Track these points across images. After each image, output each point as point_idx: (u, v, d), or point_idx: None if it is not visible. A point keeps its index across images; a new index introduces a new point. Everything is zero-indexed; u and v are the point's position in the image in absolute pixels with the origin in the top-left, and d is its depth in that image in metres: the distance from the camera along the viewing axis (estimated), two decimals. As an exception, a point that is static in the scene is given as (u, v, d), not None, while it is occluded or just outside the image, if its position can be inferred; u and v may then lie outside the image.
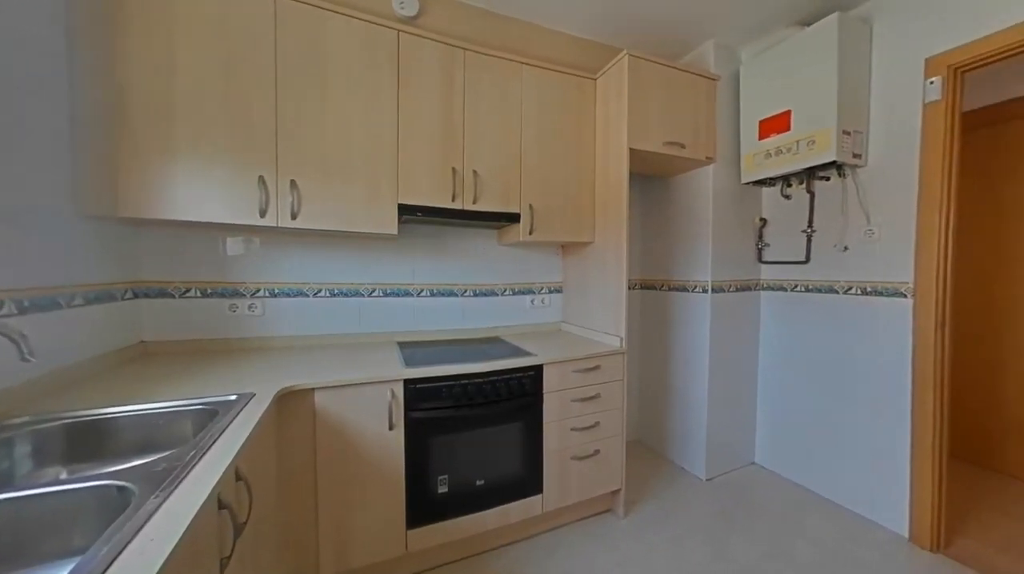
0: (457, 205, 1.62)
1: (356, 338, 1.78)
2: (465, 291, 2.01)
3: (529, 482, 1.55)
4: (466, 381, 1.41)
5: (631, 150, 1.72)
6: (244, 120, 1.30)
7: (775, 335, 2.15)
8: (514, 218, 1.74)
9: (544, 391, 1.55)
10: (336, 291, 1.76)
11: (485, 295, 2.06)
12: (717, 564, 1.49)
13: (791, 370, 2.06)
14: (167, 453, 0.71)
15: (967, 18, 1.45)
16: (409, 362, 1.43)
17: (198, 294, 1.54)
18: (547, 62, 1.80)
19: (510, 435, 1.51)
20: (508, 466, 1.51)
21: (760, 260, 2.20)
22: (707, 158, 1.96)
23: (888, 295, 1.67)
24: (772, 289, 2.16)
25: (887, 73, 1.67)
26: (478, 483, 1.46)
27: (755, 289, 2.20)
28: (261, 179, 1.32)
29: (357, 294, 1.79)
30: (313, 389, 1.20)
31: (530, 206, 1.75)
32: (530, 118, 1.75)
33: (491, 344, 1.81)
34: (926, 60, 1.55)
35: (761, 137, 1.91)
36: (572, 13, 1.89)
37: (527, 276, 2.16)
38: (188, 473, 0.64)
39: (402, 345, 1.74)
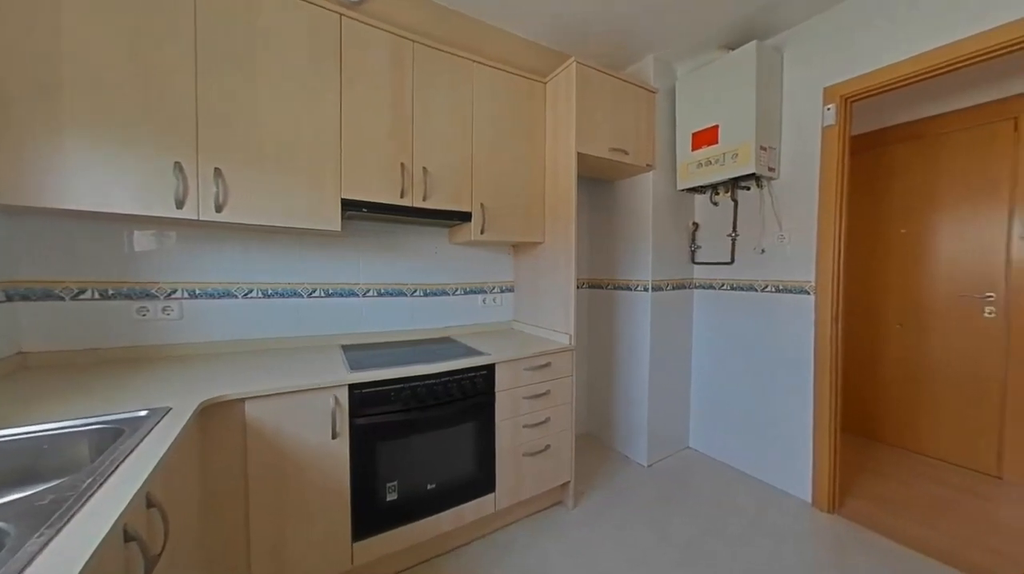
0: (406, 202, 1.57)
1: (294, 342, 1.66)
2: (415, 291, 1.95)
3: (482, 481, 1.55)
4: (416, 383, 1.38)
5: (579, 154, 1.78)
6: (157, 100, 1.15)
7: (706, 329, 2.35)
8: (466, 217, 1.73)
9: (497, 390, 1.56)
10: (271, 292, 1.62)
11: (436, 295, 2.02)
12: (659, 545, 1.60)
13: (719, 361, 2.27)
14: (56, 483, 0.60)
15: (855, 56, 1.70)
16: (354, 366, 1.36)
17: (96, 296, 1.33)
18: (499, 62, 1.80)
19: (462, 436, 1.50)
20: (461, 467, 1.50)
21: (693, 261, 2.40)
22: (647, 165, 2.09)
23: (796, 292, 1.91)
24: (703, 287, 2.36)
25: (795, 97, 1.91)
26: (430, 487, 1.43)
27: (689, 287, 2.40)
28: (178, 166, 1.17)
29: (295, 294, 1.66)
30: (243, 399, 1.09)
31: (482, 205, 1.75)
32: (482, 117, 1.75)
33: (442, 344, 1.78)
34: (824, 89, 1.80)
35: (694, 148, 2.08)
36: (523, 16, 1.92)
37: (479, 275, 2.16)
38: (83, 505, 0.55)
39: (347, 348, 1.65)
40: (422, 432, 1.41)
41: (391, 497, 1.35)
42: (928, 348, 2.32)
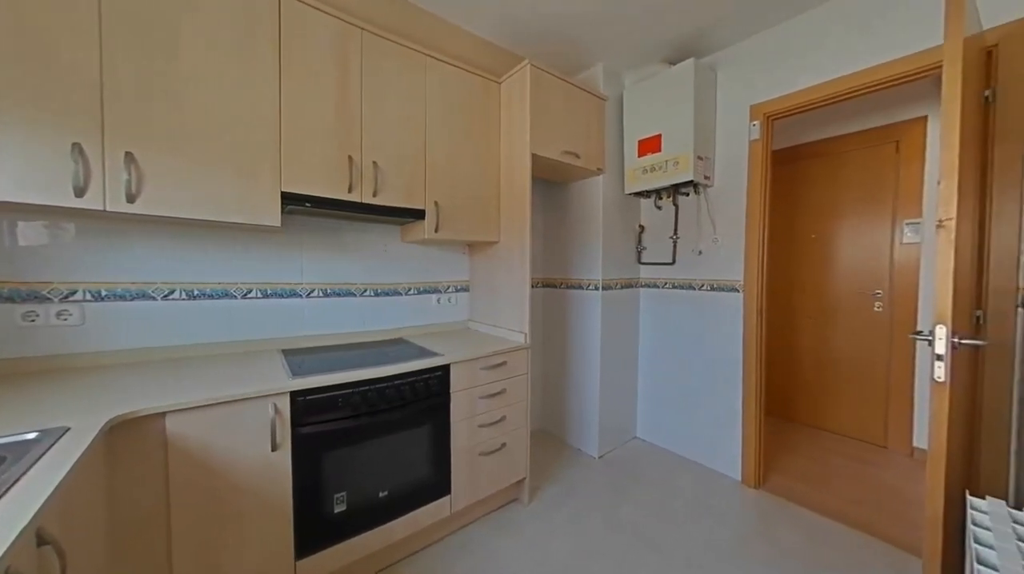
0: (354, 197, 1.49)
1: (227, 348, 1.51)
2: (365, 291, 1.87)
3: (437, 484, 1.52)
4: (367, 387, 1.32)
5: (533, 155, 1.81)
6: (48, 70, 0.98)
7: (651, 326, 2.50)
8: (419, 215, 1.68)
9: (452, 391, 1.54)
10: (197, 293, 1.46)
11: (388, 295, 1.94)
12: (610, 531, 1.67)
13: (662, 355, 2.43)
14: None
15: (776, 78, 1.90)
16: (297, 371, 1.27)
17: (-34, 299, 1.11)
18: (454, 59, 1.78)
19: (416, 439, 1.46)
20: (415, 471, 1.46)
21: (639, 261, 2.54)
22: (598, 169, 2.18)
23: (727, 290, 2.10)
24: (648, 286, 2.51)
25: (726, 112, 2.09)
26: (382, 494, 1.37)
27: (636, 287, 2.54)
28: (77, 147, 1.02)
29: (227, 296, 1.51)
30: (163, 413, 0.97)
31: (436, 203, 1.71)
32: (435, 113, 1.71)
33: (395, 346, 1.72)
34: (750, 107, 1.99)
35: (640, 155, 2.21)
36: (477, 14, 1.90)
37: (433, 275, 2.11)
38: (-51, 549, 0.46)
39: (288, 353, 1.54)
40: (373, 438, 1.35)
41: (339, 508, 1.28)
42: (832, 338, 2.66)
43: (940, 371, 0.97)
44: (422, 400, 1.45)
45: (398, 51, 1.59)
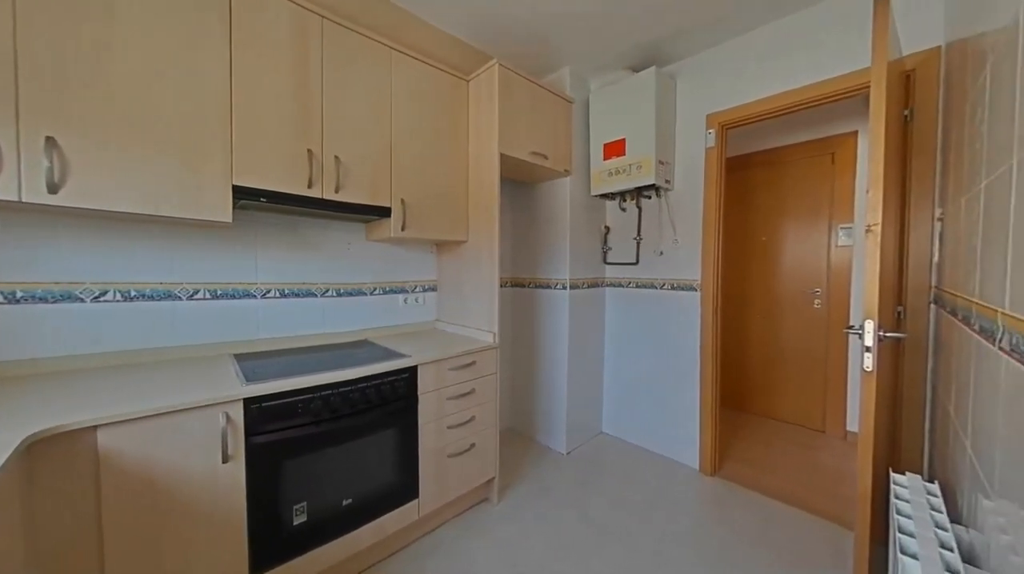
0: (315, 193, 1.42)
1: (171, 353, 1.39)
2: (327, 291, 1.79)
3: (405, 488, 1.48)
4: (329, 392, 1.26)
5: (501, 155, 1.81)
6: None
7: (616, 324, 2.58)
8: (384, 212, 1.64)
9: (420, 392, 1.51)
10: (135, 294, 1.33)
11: (351, 295, 1.87)
12: (579, 525, 1.71)
13: (627, 352, 2.52)
14: None
15: (730, 90, 2.02)
16: (251, 377, 1.19)
17: None
18: (421, 54, 1.74)
19: (382, 443, 1.42)
20: (381, 476, 1.42)
21: (605, 261, 2.61)
22: (565, 171, 2.22)
23: (686, 289, 2.21)
24: (614, 286, 2.59)
25: (685, 120, 2.20)
26: (346, 502, 1.32)
27: (601, 286, 2.61)
28: (-14, 130, 0.90)
29: (170, 297, 1.40)
30: (94, 427, 0.88)
31: (402, 201, 1.67)
32: (402, 109, 1.67)
33: (359, 348, 1.66)
34: (707, 115, 2.10)
35: (605, 158, 2.27)
36: (446, 10, 1.87)
37: (399, 274, 2.06)
38: None
39: (240, 357, 1.44)
40: (336, 444, 1.29)
41: (299, 519, 1.22)
42: (778, 333, 2.88)
43: (869, 362, 1.08)
44: (389, 403, 1.42)
45: (362, 43, 1.54)
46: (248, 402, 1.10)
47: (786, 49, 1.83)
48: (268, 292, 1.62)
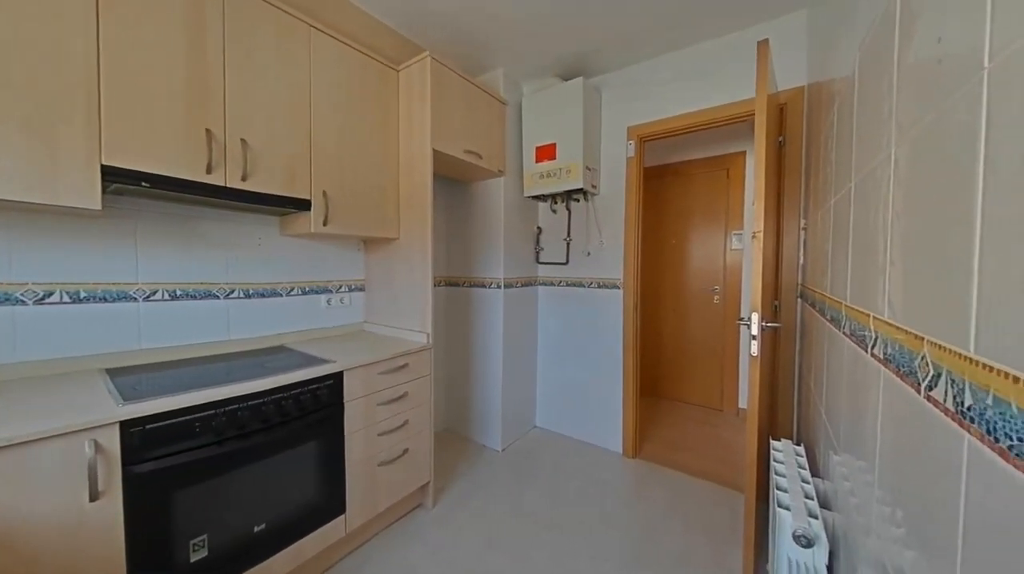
0: (215, 180, 1.24)
1: (11, 372, 1.11)
2: (232, 292, 1.58)
3: (329, 504, 1.38)
4: (235, 406, 1.12)
5: (435, 151, 1.77)
6: None
7: (548, 321, 2.69)
8: (303, 205, 1.49)
9: (346, 399, 1.41)
10: (-48, 297, 1.04)
11: (264, 296, 1.68)
12: (515, 519, 1.74)
13: (558, 347, 2.64)
14: None
15: (648, 105, 2.22)
16: (131, 395, 1.01)
17: None
18: (345, 36, 1.62)
19: (302, 458, 1.29)
20: (301, 495, 1.30)
21: (537, 261, 2.70)
22: (499, 171, 2.24)
23: (611, 288, 2.38)
24: (546, 284, 2.69)
25: (609, 130, 2.37)
26: (258, 529, 1.18)
27: (534, 285, 2.69)
28: None
29: (8, 301, 1.12)
30: None
31: (324, 193, 1.54)
32: (324, 94, 1.54)
33: (273, 355, 1.50)
34: (627, 127, 2.29)
35: (537, 160, 2.34)
36: (371, -7, 1.77)
37: (322, 273, 1.90)
38: None
39: (115, 372, 1.21)
40: (246, 464, 1.15)
41: (198, 556, 1.06)
42: (686, 326, 3.25)
43: (754, 348, 1.27)
44: (310, 414, 1.30)
45: (274, 15, 1.38)
46: (126, 425, 0.93)
47: (693, 74, 2.07)
48: (153, 294, 1.38)
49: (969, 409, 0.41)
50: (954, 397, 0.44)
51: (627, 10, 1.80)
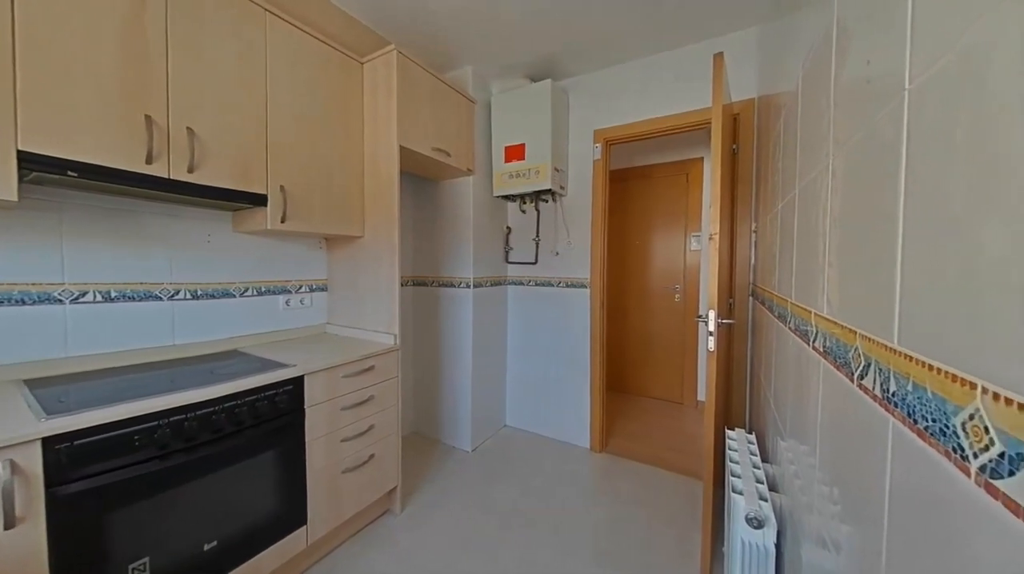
0: (157, 171, 1.14)
1: (-99, 386, 0.97)
2: (177, 292, 1.46)
3: (289, 516, 1.31)
4: (181, 416, 1.04)
5: (402, 148, 1.73)
6: None
7: (518, 320, 2.70)
8: (259, 200, 1.41)
9: (307, 405, 1.34)
10: None
11: (214, 297, 1.57)
12: (484, 518, 1.74)
13: (527, 346, 2.66)
14: None
15: (614, 110, 2.29)
16: (55, 408, 0.91)
17: None
18: (306, 24, 1.54)
19: (258, 469, 1.22)
20: (257, 508, 1.22)
21: (507, 261, 2.71)
22: (468, 169, 2.23)
23: (579, 287, 2.43)
24: (515, 284, 2.71)
25: (576, 132, 2.42)
26: (208, 547, 1.11)
27: (504, 284, 2.70)
28: None
29: (-99, 305, 0.97)
30: None
31: (282, 188, 1.46)
32: (281, 83, 1.46)
33: (226, 360, 1.41)
34: (594, 130, 2.34)
35: (506, 160, 2.35)
36: (333, -20, 1.70)
37: (280, 272, 1.80)
38: None
39: (36, 383, 1.09)
40: (194, 478, 1.07)
41: (140, 580, 0.97)
42: (650, 323, 3.38)
43: (711, 343, 1.34)
44: (267, 421, 1.23)
45: (225, -4, 1.29)
46: (50, 442, 0.83)
47: (657, 82, 2.16)
48: (83, 295, 1.25)
49: (893, 395, 0.46)
50: (881, 384, 0.49)
51: (591, 16, 1.85)
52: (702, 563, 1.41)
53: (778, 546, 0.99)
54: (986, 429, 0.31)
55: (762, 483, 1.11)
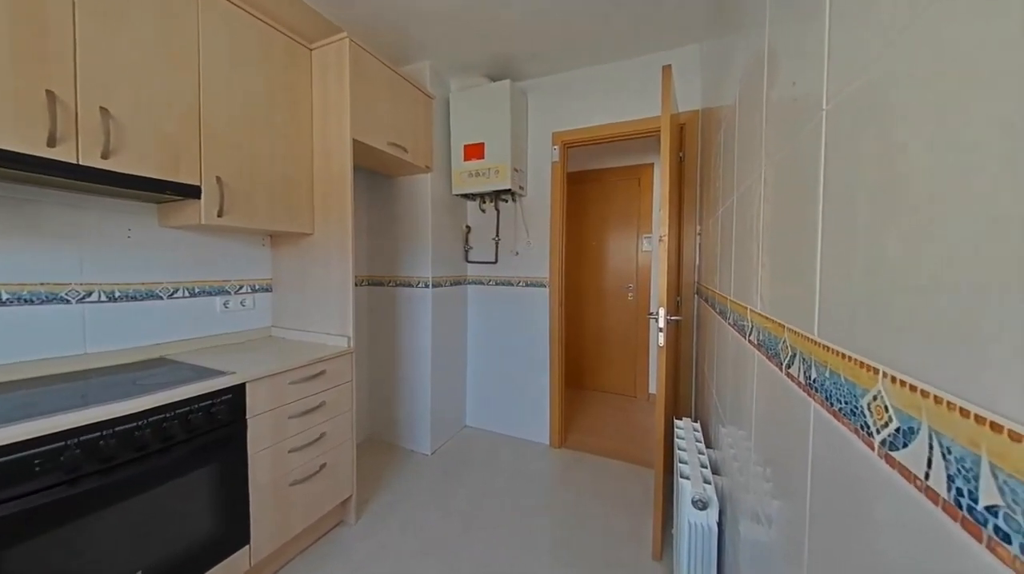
0: (63, 156, 1.00)
1: None
2: (90, 294, 1.29)
3: (229, 536, 1.20)
4: (96, 434, 0.92)
5: (355, 141, 1.65)
6: None
7: (478, 319, 2.69)
8: (190, 191, 1.28)
9: (249, 415, 1.24)
10: None
11: (136, 299, 1.40)
12: (444, 521, 1.71)
13: (488, 346, 2.66)
14: None
15: (571, 113, 2.34)
16: (-70, 432, 0.76)
17: None
18: (244, 2, 1.42)
19: (193, 487, 1.11)
20: (191, 530, 1.11)
21: (467, 260, 2.69)
22: (426, 167, 2.18)
23: (538, 286, 2.47)
24: (475, 283, 2.69)
25: (536, 134, 2.45)
26: (131, 578, 0.99)
27: (463, 284, 2.67)
28: None
29: None
30: None
31: (218, 179, 1.34)
32: (217, 65, 1.33)
33: (151, 369, 1.26)
34: (553, 133, 2.39)
35: (465, 159, 2.33)
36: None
37: (216, 271, 1.65)
38: None
39: (-97, 404, 0.91)
40: (114, 503, 0.95)
41: (43, 625, 0.85)
42: (605, 321, 3.52)
43: (661, 339, 1.43)
44: (201, 435, 1.12)
45: (149, -37, 1.16)
46: (-77, 472, 0.70)
47: (613, 88, 2.24)
48: (-34, 298, 1.06)
49: (814, 381, 0.52)
50: (804, 372, 0.55)
51: (548, 19, 1.88)
52: (654, 547, 1.49)
53: (720, 525, 1.07)
54: (886, 408, 0.36)
55: (706, 467, 1.20)
